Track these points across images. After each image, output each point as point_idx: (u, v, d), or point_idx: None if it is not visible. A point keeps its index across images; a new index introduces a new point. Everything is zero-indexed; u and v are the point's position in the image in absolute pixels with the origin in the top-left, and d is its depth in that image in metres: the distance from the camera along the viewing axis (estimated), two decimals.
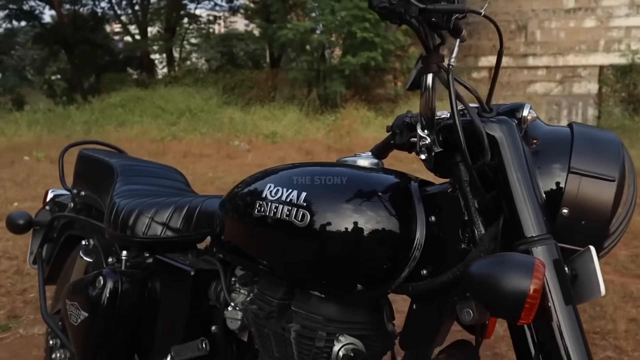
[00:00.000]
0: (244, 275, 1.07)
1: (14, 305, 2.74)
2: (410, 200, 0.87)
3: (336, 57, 14.28)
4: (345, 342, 0.90)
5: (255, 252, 1.01)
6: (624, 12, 17.75)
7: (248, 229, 0.99)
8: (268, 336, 0.96)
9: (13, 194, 5.39)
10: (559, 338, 0.70)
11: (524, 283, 0.65)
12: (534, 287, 0.64)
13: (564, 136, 0.81)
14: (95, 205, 1.51)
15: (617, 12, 17.85)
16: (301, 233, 0.87)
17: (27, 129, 10.99)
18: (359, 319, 0.92)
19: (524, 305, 0.64)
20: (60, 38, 19.11)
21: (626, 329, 2.46)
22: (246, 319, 1.03)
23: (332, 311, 0.92)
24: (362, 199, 0.86)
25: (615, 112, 12.67)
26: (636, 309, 2.69)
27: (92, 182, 1.51)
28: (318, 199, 0.88)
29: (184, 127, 12.24)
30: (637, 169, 1.44)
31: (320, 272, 0.90)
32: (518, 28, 18.62)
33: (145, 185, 1.40)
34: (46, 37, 20.15)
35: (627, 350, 2.29)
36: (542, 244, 0.73)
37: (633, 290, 2.94)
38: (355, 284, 0.87)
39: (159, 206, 1.26)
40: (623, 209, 0.82)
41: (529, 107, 0.87)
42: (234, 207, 1.04)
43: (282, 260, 0.95)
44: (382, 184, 0.90)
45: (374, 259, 0.85)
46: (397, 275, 0.85)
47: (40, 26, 20.33)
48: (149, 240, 1.23)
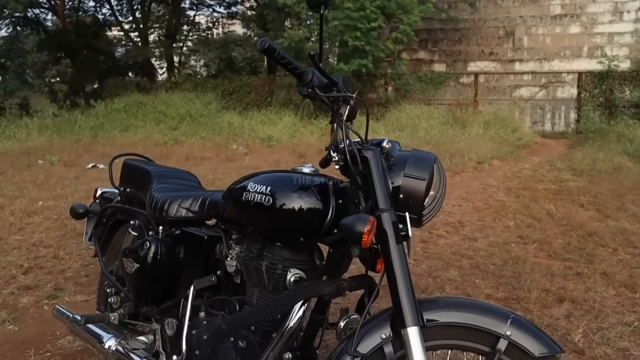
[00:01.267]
0: (236, 238, 1.74)
1: (57, 281, 3.42)
2: (327, 191, 1.54)
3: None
4: (293, 272, 1.58)
5: (243, 223, 1.69)
6: (608, 18, 18.38)
7: (239, 209, 1.67)
8: (251, 270, 1.64)
9: (36, 194, 6.05)
10: (394, 260, 1.37)
11: (362, 226, 1.30)
12: (367, 228, 1.29)
13: (405, 156, 1.48)
14: (136, 198, 2.17)
15: (601, 18, 18.47)
16: (267, 210, 1.55)
17: (37, 133, 11.63)
18: (301, 258, 1.59)
19: (362, 237, 1.31)
20: (64, 44, 19.75)
21: (537, 297, 3.15)
22: (238, 264, 1.70)
23: (286, 254, 1.58)
24: (301, 191, 1.54)
25: (593, 116, 13.30)
26: (550, 283, 3.37)
27: (136, 183, 2.18)
28: (277, 190, 1.54)
29: (185, 131, 12.82)
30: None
31: (279, 231, 1.57)
32: (506, 34, 19.26)
33: (172, 184, 2.07)
34: (50, 43, 20.77)
35: (533, 311, 2.97)
36: (387, 212, 1.38)
37: (555, 269, 3.62)
38: (298, 237, 1.54)
39: (183, 197, 1.92)
40: (434, 194, 1.49)
41: (387, 140, 1.54)
42: (230, 197, 1.71)
43: (258, 226, 1.62)
44: (313, 182, 1.57)
45: (307, 223, 1.52)
46: (320, 232, 1.53)
47: (44, 33, 20.94)
48: (177, 219, 1.90)
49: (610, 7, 18.68)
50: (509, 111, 14.05)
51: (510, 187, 6.68)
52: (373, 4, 13.15)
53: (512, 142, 11.34)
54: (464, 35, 19.42)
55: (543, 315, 2.89)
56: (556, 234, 4.45)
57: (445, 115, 13.38)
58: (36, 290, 3.24)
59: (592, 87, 13.65)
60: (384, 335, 1.35)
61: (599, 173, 7.41)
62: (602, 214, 5.12)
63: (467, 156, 9.07)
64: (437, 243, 4.26)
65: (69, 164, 8.40)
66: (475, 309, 1.36)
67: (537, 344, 1.30)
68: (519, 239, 4.34)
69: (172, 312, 1.85)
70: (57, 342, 2.59)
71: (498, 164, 8.87)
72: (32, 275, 3.48)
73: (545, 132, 14.46)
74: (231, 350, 1.58)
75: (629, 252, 3.98)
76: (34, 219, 4.91)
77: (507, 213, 5.25)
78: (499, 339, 1.31)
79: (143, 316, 2.02)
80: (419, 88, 15.00)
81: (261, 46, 1.36)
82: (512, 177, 7.51)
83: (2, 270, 3.56)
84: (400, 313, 1.32)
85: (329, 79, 1.47)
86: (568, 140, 12.45)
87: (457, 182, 7.18)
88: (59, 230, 4.52)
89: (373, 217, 1.33)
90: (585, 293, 3.18)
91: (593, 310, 2.94)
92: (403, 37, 13.88)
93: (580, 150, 9.90)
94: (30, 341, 2.58)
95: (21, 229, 4.57)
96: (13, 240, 4.21)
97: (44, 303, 3.07)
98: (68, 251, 3.96)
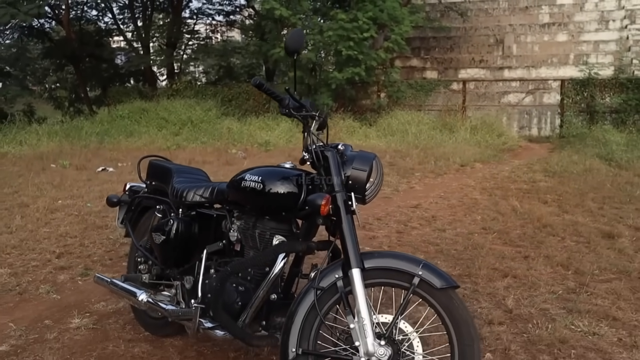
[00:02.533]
0: (237, 215, 2.38)
1: (86, 263, 4.05)
2: (301, 180, 2.18)
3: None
4: (278, 237, 2.22)
5: (242, 203, 2.33)
6: (594, 27, 19.11)
7: (239, 194, 2.31)
8: (247, 237, 2.29)
9: (55, 194, 6.68)
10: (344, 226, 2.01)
11: (321, 200, 1.94)
12: (324, 202, 1.93)
13: (353, 155, 2.12)
14: (160, 189, 2.80)
15: (587, 27, 19.21)
16: (259, 193, 2.19)
17: (47, 139, 12.26)
18: (283, 227, 2.23)
19: (320, 208, 1.95)
20: (68, 52, 20.41)
21: (485, 273, 3.79)
22: (238, 234, 2.34)
23: (272, 224, 2.23)
24: (283, 179, 2.17)
25: (575, 121, 13.96)
26: (499, 263, 4.01)
27: (160, 177, 2.81)
28: (266, 179, 2.18)
29: (187, 136, 13.44)
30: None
31: (267, 208, 2.22)
32: (496, 42, 19.97)
33: (188, 178, 2.69)
34: (55, 52, 21.44)
35: (480, 283, 3.61)
36: (340, 192, 2.02)
37: (506, 253, 4.26)
38: (281, 212, 2.19)
39: (197, 187, 2.55)
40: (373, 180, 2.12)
41: (342, 144, 2.17)
42: (232, 185, 2.35)
43: (252, 205, 2.26)
44: (291, 174, 2.19)
45: (287, 202, 2.14)
46: (296, 208, 2.17)
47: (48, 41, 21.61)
48: (193, 203, 2.53)
49: (597, 15, 19.43)
50: (496, 117, 14.65)
51: (485, 187, 7.33)
52: (365, 15, 13.85)
53: (497, 146, 11.96)
54: (456, 43, 20.14)
55: (487, 286, 3.54)
56: (515, 226, 5.10)
57: (434, 120, 14.02)
58: (70, 270, 3.88)
59: (575, 93, 14.29)
60: (337, 275, 2.00)
61: (570, 174, 8.05)
62: (561, 210, 5.77)
63: (451, 159, 9.71)
64: (411, 233, 4.91)
65: (80, 167, 9.04)
66: (399, 258, 2.02)
67: (440, 280, 1.95)
68: (482, 230, 4.99)
69: (189, 272, 2.51)
70: (93, 306, 3.23)
71: (480, 167, 9.49)
72: (64, 259, 4.12)
73: (532, 136, 15.09)
74: (233, 292, 2.23)
75: (575, 240, 4.63)
76: (57, 215, 5.55)
77: (478, 209, 5.90)
78: (414, 277, 1.95)
79: (166, 277, 2.66)
80: (409, 95, 15.65)
81: (254, 82, 2.02)
82: (490, 178, 8.15)
83: (39, 255, 4.20)
84: (348, 260, 1.97)
85: (300, 103, 2.13)
86: (551, 144, 13.08)
87: (438, 182, 7.83)
88: (80, 224, 5.16)
89: (328, 195, 1.99)
90: (527, 271, 3.82)
91: (529, 283, 3.58)
92: (394, 47, 14.57)
93: (558, 154, 10.55)
94: (72, 306, 3.22)
95: (47, 223, 5.21)
96: (42, 232, 4.85)
97: (78, 279, 3.71)
98: (91, 240, 4.60)
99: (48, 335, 2.84)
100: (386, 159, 9.72)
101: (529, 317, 3.03)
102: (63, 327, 2.93)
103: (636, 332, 2.84)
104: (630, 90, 13.52)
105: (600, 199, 6.22)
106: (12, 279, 3.68)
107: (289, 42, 2.07)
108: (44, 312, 3.14)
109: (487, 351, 2.65)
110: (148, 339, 2.79)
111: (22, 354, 2.63)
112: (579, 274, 3.75)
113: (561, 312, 3.11)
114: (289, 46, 2.07)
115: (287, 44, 2.07)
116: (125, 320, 3.02)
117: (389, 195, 6.75)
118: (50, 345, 2.73)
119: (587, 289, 3.47)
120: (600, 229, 4.92)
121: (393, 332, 1.96)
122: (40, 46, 22.89)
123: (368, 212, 5.62)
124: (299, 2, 14.79)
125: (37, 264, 4.01)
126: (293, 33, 2.08)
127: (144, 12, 21.64)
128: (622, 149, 10.07)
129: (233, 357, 2.61)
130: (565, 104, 14.42)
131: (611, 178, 7.57)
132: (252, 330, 2.21)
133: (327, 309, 2.01)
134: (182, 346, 2.72)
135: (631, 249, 4.30)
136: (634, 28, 17.97)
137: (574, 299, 3.29)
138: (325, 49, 14.93)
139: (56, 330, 2.89)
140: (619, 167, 8.65)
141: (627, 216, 5.37)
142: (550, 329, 2.86)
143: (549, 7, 20.69)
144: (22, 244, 4.48)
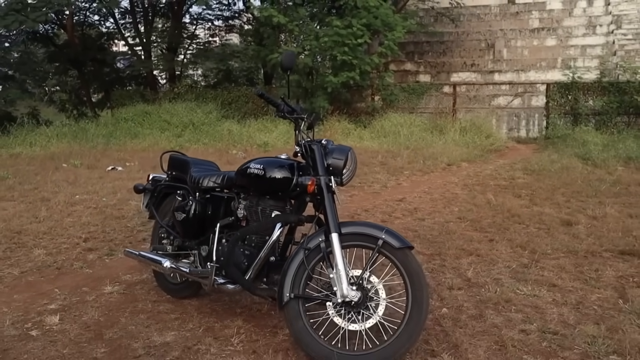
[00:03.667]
0: (243, 197, 3.00)
1: (110, 246, 4.67)
2: (293, 168, 2.79)
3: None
4: (275, 212, 2.85)
5: (247, 187, 2.96)
6: (582, 32, 19.82)
7: (245, 179, 2.93)
8: (252, 213, 2.90)
9: (71, 190, 7.29)
10: (327, 203, 2.64)
11: (307, 180, 2.58)
12: (310, 182, 2.56)
13: (333, 148, 2.73)
14: (179, 177, 3.42)
15: (575, 32, 19.91)
16: (261, 178, 2.80)
17: (56, 140, 12.89)
18: (280, 205, 2.84)
19: (307, 189, 2.58)
20: (72, 57, 21.04)
21: (454, 253, 4.42)
22: (244, 211, 2.97)
23: (271, 202, 2.84)
24: (280, 167, 2.80)
25: (559, 123, 14.61)
26: (467, 245, 4.63)
27: (180, 168, 3.42)
28: (266, 167, 2.79)
29: (189, 138, 14.06)
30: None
31: (267, 190, 2.84)
32: (487, 46, 20.66)
33: (203, 168, 3.32)
34: (58, 56, 22.05)
35: (447, 260, 4.25)
36: (322, 176, 2.62)
37: (474, 237, 4.89)
38: (278, 193, 2.81)
39: (210, 175, 3.17)
40: (348, 167, 2.75)
41: (325, 140, 2.80)
42: (239, 173, 2.97)
43: (256, 188, 2.89)
44: (286, 163, 2.81)
45: (283, 185, 2.75)
46: (289, 190, 2.79)
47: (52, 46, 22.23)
48: (207, 188, 3.14)
49: (585, 21, 20.15)
50: (486, 119, 15.27)
51: (467, 183, 7.96)
52: (359, 22, 14.49)
53: (484, 147, 12.56)
54: (448, 47, 20.83)
55: (453, 262, 4.17)
56: (487, 216, 5.74)
57: (426, 122, 14.66)
58: (96, 251, 4.50)
59: (559, 96, 14.93)
60: (321, 239, 2.64)
61: (548, 172, 8.69)
62: (531, 202, 6.40)
63: (439, 159, 10.35)
64: (393, 222, 5.54)
65: (91, 166, 9.67)
66: (368, 225, 2.65)
67: (398, 241, 2.58)
68: (457, 219, 5.62)
69: (204, 242, 3.14)
70: (121, 277, 3.86)
71: (465, 166, 10.11)
72: (91, 243, 4.74)
73: (520, 137, 15.71)
74: (240, 255, 2.86)
75: (537, 227, 5.26)
76: (77, 208, 6.17)
77: (456, 202, 6.53)
78: (378, 239, 2.58)
79: (185, 248, 3.29)
80: (403, 98, 16.27)
81: (257, 93, 2.66)
82: (473, 176, 8.77)
83: (68, 239, 4.82)
84: (329, 227, 2.60)
85: (292, 108, 2.76)
86: (536, 145, 13.71)
87: (425, 180, 8.47)
88: (99, 215, 5.79)
89: (314, 178, 2.63)
90: (489, 251, 4.46)
91: (489, 260, 4.22)
92: (387, 52, 15.22)
93: (540, 154, 11.20)
94: (103, 277, 3.85)
95: (69, 214, 5.84)
96: (67, 222, 5.47)
97: (105, 258, 4.34)
98: (111, 228, 5.23)
99: (87, 297, 3.47)
100: (378, 158, 10.35)
101: (483, 285, 3.67)
102: (99, 292, 3.56)
103: (569, 295, 3.48)
104: (612, 93, 14.17)
105: (570, 194, 6.85)
106: (49, 257, 4.31)
107: (284, 61, 2.70)
108: (81, 282, 3.77)
109: (445, 307, 3.28)
110: (170, 300, 3.42)
111: (70, 310, 3.26)
112: (533, 252, 4.37)
113: (511, 281, 3.74)
114: (284, 65, 2.70)
115: (282, 63, 2.71)
116: (150, 287, 3.65)
117: (378, 191, 7.38)
118: (91, 304, 3.35)
119: (537, 264, 4.10)
120: (561, 218, 5.55)
121: (363, 281, 2.60)
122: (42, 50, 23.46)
123: (357, 205, 6.26)
124: (296, 9, 15.43)
125: (68, 246, 4.63)
126: (286, 55, 2.72)
127: (145, 17, 22.27)
128: (599, 149, 10.73)
129: (240, 312, 3.24)
130: (551, 107, 15.06)
131: (584, 175, 8.20)
132: (256, 284, 2.85)
133: (313, 264, 2.65)
134: (198, 304, 3.35)
135: (584, 234, 4.93)
136: (620, 33, 18.65)
137: (525, 272, 3.92)
138: (321, 54, 15.54)
139: (94, 294, 3.52)
140: (594, 165, 9.29)
141: (589, 207, 6.00)
142: (498, 292, 3.50)
143: (539, 12, 21.39)
144: (51, 230, 5.10)
